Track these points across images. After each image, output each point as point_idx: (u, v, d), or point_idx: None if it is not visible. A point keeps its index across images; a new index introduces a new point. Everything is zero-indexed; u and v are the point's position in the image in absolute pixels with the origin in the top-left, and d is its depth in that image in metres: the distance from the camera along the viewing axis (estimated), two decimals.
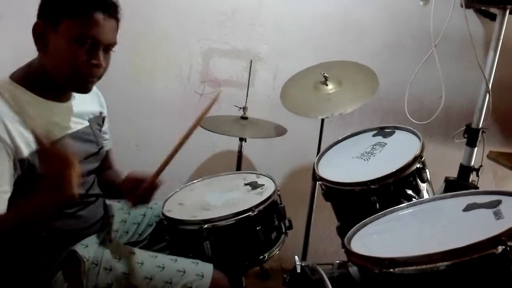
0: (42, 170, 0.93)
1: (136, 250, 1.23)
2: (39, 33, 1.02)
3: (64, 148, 0.92)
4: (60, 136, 1.09)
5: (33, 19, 1.07)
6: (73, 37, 1.00)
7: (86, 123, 1.21)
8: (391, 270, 0.88)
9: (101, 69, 1.07)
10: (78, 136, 1.17)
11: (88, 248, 1.15)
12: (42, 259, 1.11)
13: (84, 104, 1.21)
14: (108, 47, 1.08)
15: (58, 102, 1.12)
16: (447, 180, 1.84)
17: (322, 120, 1.83)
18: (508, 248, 0.79)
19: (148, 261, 1.18)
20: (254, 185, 1.51)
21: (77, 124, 1.18)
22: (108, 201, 1.39)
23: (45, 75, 1.06)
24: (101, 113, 1.31)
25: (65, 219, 1.15)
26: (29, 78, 1.05)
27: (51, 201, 0.92)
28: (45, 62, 1.05)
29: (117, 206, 1.47)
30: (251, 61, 2.03)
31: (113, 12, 1.06)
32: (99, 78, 1.11)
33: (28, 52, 1.09)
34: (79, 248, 1.14)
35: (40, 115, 1.05)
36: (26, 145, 1.00)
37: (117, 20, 1.08)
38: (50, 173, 0.90)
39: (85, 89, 1.10)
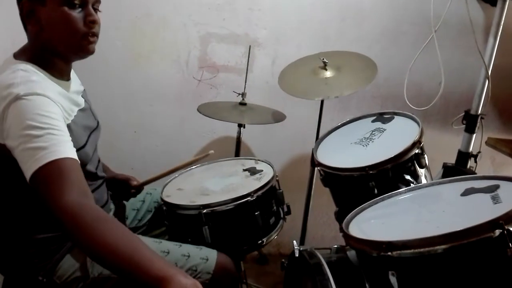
0: None
1: (141, 236, 1.23)
2: (28, 12, 1.02)
3: None
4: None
5: None
6: (63, 1, 1.01)
7: (82, 99, 1.20)
8: (389, 253, 0.88)
9: (97, 25, 1.08)
10: (84, 111, 1.16)
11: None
12: (49, 244, 1.10)
13: (75, 82, 1.21)
14: (94, 5, 1.08)
15: (64, 80, 1.12)
16: (445, 166, 1.84)
17: (321, 106, 1.83)
18: (505, 232, 0.80)
19: (153, 246, 1.16)
20: (252, 171, 1.52)
21: (79, 101, 1.17)
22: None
23: (47, 52, 1.05)
24: (84, 90, 1.30)
25: None
26: (35, 57, 1.04)
27: None
28: (43, 38, 1.03)
29: None
30: (249, 46, 2.02)
31: None
32: (97, 36, 1.10)
33: (25, 37, 1.08)
34: None
35: (59, 92, 1.05)
36: (67, 113, 1.03)
37: None
38: None
39: (90, 50, 1.09)
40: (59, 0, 1.01)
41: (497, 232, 0.81)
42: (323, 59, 1.70)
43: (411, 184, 1.33)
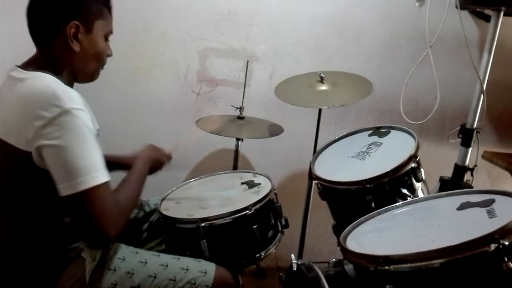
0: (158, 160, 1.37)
1: (139, 250, 1.24)
2: (74, 34, 1.07)
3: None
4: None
5: None
6: (105, 34, 1.15)
7: None
8: (386, 267, 0.89)
9: None
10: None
11: (93, 249, 1.14)
12: (49, 257, 1.10)
13: None
14: None
15: None
16: (442, 180, 1.85)
17: (318, 119, 1.84)
18: (500, 246, 0.81)
19: (152, 260, 1.19)
20: (250, 184, 1.52)
21: None
22: None
23: (67, 69, 1.11)
24: None
25: None
26: (54, 69, 1.07)
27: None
28: (72, 60, 1.10)
29: None
30: (247, 61, 2.04)
31: None
32: None
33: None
34: (85, 248, 1.14)
35: None
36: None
37: None
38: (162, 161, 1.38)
39: (96, 78, 1.21)
40: (103, 33, 1.13)
41: (493, 246, 0.81)
42: (320, 73, 1.72)
43: (408, 198, 1.33)
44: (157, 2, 2.00)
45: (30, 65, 1.08)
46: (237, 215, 1.30)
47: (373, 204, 1.31)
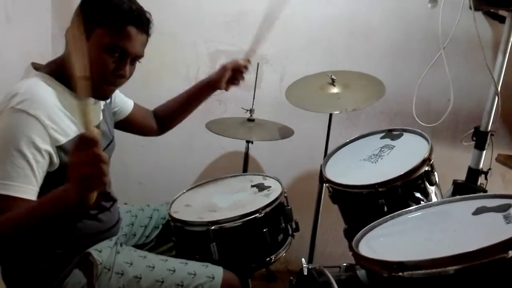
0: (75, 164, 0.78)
1: (147, 254, 1.24)
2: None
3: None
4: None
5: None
6: (105, 45, 1.03)
7: (101, 115, 1.22)
8: (400, 274, 0.87)
9: (124, 79, 1.10)
10: (97, 128, 1.18)
11: (102, 253, 1.15)
12: (57, 260, 1.11)
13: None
14: (134, 59, 1.11)
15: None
16: (455, 183, 1.82)
17: (329, 122, 1.83)
18: None
19: (159, 264, 1.19)
20: (261, 187, 1.51)
21: (97, 117, 1.20)
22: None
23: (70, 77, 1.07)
24: (110, 101, 1.32)
25: (87, 220, 1.17)
26: (59, 73, 1.06)
27: (76, 196, 0.81)
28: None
29: (124, 209, 1.47)
30: (258, 63, 2.03)
31: (145, 28, 1.10)
32: (119, 86, 1.13)
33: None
34: (93, 252, 1.14)
35: (73, 108, 1.06)
36: (65, 134, 1.01)
37: (148, 35, 1.12)
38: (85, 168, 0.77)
39: (105, 97, 1.14)
40: (102, 43, 1.02)
41: (511, 253, 0.79)
42: (331, 75, 1.70)
43: (421, 202, 1.31)
44: (167, 5, 2.00)
45: (46, 66, 1.08)
46: (247, 218, 1.29)
47: (385, 208, 1.29)
